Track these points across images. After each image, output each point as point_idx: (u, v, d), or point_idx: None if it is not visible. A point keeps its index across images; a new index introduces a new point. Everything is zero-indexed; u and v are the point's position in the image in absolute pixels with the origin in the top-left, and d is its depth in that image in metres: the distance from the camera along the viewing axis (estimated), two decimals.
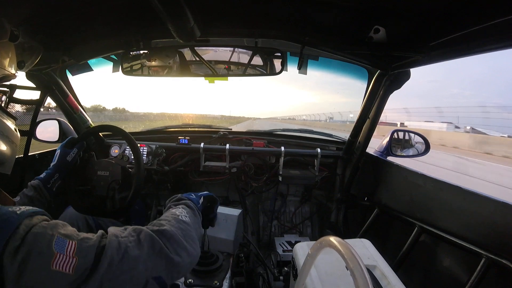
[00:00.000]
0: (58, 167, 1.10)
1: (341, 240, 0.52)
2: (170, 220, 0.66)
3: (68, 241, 0.49)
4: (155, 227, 0.61)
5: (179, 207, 0.75)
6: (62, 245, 0.48)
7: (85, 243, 0.50)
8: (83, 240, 0.51)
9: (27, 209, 0.50)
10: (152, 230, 0.59)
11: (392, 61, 1.12)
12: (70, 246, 0.48)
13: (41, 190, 1.01)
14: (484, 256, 0.90)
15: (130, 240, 0.55)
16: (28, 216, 0.49)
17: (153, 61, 1.18)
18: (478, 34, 0.71)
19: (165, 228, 0.61)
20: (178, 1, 0.70)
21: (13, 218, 0.47)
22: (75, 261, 0.47)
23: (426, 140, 1.58)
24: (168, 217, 0.68)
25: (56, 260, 0.46)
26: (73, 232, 0.52)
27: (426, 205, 1.20)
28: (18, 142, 0.70)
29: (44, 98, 1.28)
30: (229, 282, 1.09)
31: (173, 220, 0.66)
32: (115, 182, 1.23)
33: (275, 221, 1.96)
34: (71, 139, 1.21)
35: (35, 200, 0.98)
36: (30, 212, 0.50)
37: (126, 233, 0.57)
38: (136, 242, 0.56)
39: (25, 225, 0.47)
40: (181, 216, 0.70)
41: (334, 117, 29.91)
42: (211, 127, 2.06)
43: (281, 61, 1.15)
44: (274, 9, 0.95)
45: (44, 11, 0.84)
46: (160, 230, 0.60)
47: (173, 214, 0.70)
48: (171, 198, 0.83)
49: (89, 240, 0.51)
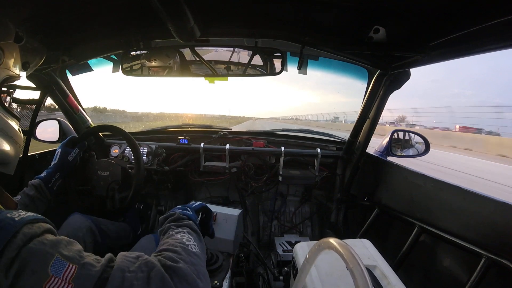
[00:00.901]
0: (59, 166, 1.10)
1: (340, 241, 0.52)
2: (180, 253, 0.58)
3: (68, 264, 0.44)
4: (167, 262, 0.53)
5: (183, 232, 0.68)
6: (60, 268, 0.43)
7: (87, 270, 0.45)
8: (86, 266, 0.45)
9: (26, 215, 0.46)
10: (165, 265, 0.52)
11: (392, 61, 1.12)
12: (69, 270, 0.43)
13: (42, 189, 1.01)
14: (484, 256, 0.90)
15: (138, 277, 0.48)
16: (27, 223, 0.45)
17: (153, 61, 1.18)
18: (478, 34, 0.71)
19: (180, 266, 0.53)
20: (178, 1, 0.70)
21: (10, 225, 0.43)
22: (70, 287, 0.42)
23: (426, 140, 1.58)
24: (177, 247, 0.59)
25: (49, 283, 0.41)
26: (76, 253, 0.47)
27: (426, 205, 1.20)
28: (21, 143, 0.70)
29: (44, 98, 1.28)
30: (229, 282, 1.09)
31: (183, 252, 0.59)
32: (115, 182, 1.23)
33: (275, 221, 1.95)
34: (72, 138, 1.21)
35: (36, 200, 0.98)
36: (29, 219, 0.46)
37: (135, 267, 0.50)
38: (144, 281, 0.49)
39: (23, 235, 0.43)
40: (190, 246, 0.62)
41: (339, 117, 29.74)
42: (211, 127, 2.06)
43: (281, 61, 1.15)
44: (274, 9, 0.95)
45: (44, 11, 0.84)
46: (174, 268, 0.53)
47: (181, 243, 0.62)
48: (167, 216, 0.76)
49: (92, 268, 0.46)
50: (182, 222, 0.72)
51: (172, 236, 0.66)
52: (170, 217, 0.75)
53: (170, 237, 0.65)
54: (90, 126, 1.61)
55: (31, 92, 1.21)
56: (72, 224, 1.01)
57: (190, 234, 0.68)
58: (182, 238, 0.64)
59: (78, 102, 1.54)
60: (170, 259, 0.54)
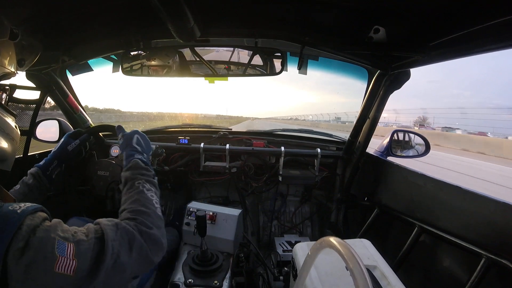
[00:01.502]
0: (57, 154, 1.10)
1: (340, 241, 0.52)
2: (152, 217, 0.67)
3: (67, 243, 0.50)
4: (143, 228, 0.63)
5: (151, 191, 0.77)
6: (63, 248, 0.50)
7: (81, 245, 0.52)
8: (79, 242, 0.53)
9: (26, 206, 0.51)
10: (140, 232, 0.62)
11: (392, 61, 1.12)
12: (69, 248, 0.50)
13: (40, 178, 1.01)
14: (484, 256, 0.90)
15: (122, 244, 0.57)
16: (29, 214, 0.50)
17: (153, 61, 1.18)
18: (478, 34, 0.71)
19: (153, 232, 0.64)
20: (178, 1, 0.70)
21: (14, 218, 0.48)
22: (75, 263, 0.49)
23: (426, 141, 1.58)
24: (149, 209, 0.69)
25: (58, 263, 0.48)
26: (69, 232, 0.53)
27: (426, 205, 1.20)
28: (18, 139, 0.71)
29: (44, 98, 1.28)
30: (229, 282, 1.09)
31: (154, 216, 0.69)
32: (115, 182, 1.23)
33: (275, 221, 1.95)
34: (78, 131, 1.23)
35: (35, 188, 0.98)
36: (30, 210, 0.51)
37: (118, 236, 0.58)
38: (127, 247, 0.58)
39: (27, 226, 0.48)
40: (157, 207, 0.72)
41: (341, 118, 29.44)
42: (211, 127, 2.06)
43: (281, 61, 1.15)
44: (274, 9, 0.95)
45: (44, 11, 0.84)
46: (148, 234, 0.63)
47: (151, 205, 0.71)
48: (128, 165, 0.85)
49: (84, 243, 0.53)
50: (146, 176, 0.81)
51: (142, 193, 0.74)
52: (131, 166, 0.84)
53: (140, 193, 0.73)
54: (90, 126, 1.61)
55: (31, 92, 1.22)
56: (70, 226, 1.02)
57: (155, 190, 0.79)
58: (152, 199, 0.73)
59: (78, 102, 1.54)
60: (144, 225, 0.64)
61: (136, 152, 0.90)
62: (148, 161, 0.90)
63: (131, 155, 0.88)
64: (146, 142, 0.97)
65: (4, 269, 0.44)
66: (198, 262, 1.13)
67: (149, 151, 0.97)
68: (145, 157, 0.91)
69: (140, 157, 0.88)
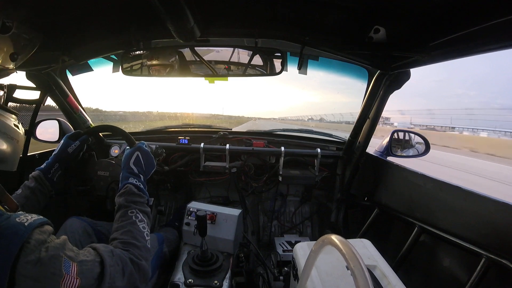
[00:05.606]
0: (58, 156, 1.10)
1: (342, 239, 0.52)
2: (142, 250, 0.73)
3: (71, 263, 0.54)
4: (134, 258, 0.69)
5: (144, 222, 0.80)
6: (68, 267, 0.53)
7: (84, 265, 0.57)
8: (82, 263, 0.57)
9: (34, 219, 0.54)
10: (132, 261, 0.68)
11: (392, 61, 1.12)
12: (73, 267, 0.54)
13: (42, 181, 1.01)
14: (484, 256, 0.90)
15: (117, 270, 0.63)
16: (36, 228, 0.52)
17: (153, 61, 1.18)
18: (478, 34, 0.71)
19: (142, 264, 0.71)
20: (178, 1, 0.70)
21: (21, 230, 0.50)
22: (78, 281, 0.53)
23: (426, 141, 1.58)
24: (140, 242, 0.74)
25: (64, 280, 0.51)
26: (73, 252, 0.58)
27: (426, 205, 1.20)
28: (19, 138, 0.69)
29: (44, 98, 1.28)
30: (229, 282, 1.09)
31: (144, 250, 0.74)
32: (115, 182, 1.23)
33: (275, 221, 1.95)
34: (77, 132, 1.22)
35: (37, 191, 0.98)
36: (37, 224, 0.53)
37: (113, 262, 0.63)
38: (121, 274, 0.64)
39: (35, 240, 0.51)
40: (148, 240, 0.77)
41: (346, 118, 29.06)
42: (211, 127, 2.06)
43: (281, 61, 1.15)
44: (274, 9, 0.95)
45: (44, 11, 0.84)
46: (138, 264, 0.69)
47: (142, 238, 0.76)
48: (122, 191, 0.85)
49: (87, 263, 0.58)
50: (140, 205, 0.83)
51: (134, 224, 0.77)
52: (125, 192, 0.85)
53: (132, 225, 0.77)
54: (90, 126, 1.60)
55: (31, 92, 1.22)
56: (68, 228, 1.04)
57: (147, 220, 0.82)
58: (143, 231, 0.78)
59: (78, 102, 1.54)
60: (135, 257, 0.70)
61: (131, 175, 0.90)
62: (144, 183, 0.91)
63: (125, 178, 0.89)
64: (148, 160, 0.97)
65: (11, 280, 0.46)
66: (198, 262, 1.13)
67: (150, 169, 0.97)
68: (142, 179, 0.91)
69: (135, 181, 0.88)
